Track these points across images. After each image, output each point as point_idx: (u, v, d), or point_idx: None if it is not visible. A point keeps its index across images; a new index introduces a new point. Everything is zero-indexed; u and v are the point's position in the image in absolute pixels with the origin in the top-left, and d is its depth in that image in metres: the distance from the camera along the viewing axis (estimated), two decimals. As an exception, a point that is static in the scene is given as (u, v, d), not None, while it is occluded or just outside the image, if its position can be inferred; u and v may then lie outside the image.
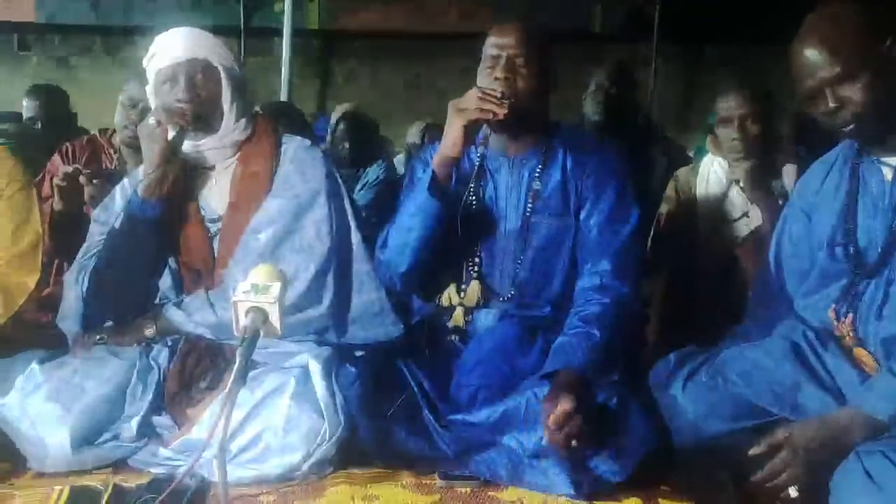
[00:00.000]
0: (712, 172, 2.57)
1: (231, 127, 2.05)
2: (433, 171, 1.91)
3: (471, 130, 1.89)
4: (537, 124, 2.01)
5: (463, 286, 2.03)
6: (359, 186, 3.82)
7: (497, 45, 1.92)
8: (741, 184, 2.44)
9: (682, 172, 2.69)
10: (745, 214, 2.44)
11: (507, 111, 1.84)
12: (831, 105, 1.58)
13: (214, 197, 2.08)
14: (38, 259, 2.16)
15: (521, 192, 2.00)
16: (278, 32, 5.93)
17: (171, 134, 1.98)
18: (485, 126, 1.92)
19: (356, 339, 2.01)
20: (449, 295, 2.04)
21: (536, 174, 2.00)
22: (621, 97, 3.14)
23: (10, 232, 2.13)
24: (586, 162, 1.99)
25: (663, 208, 2.69)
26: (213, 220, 2.07)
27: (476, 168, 2.01)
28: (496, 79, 1.89)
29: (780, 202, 2.26)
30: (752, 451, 1.55)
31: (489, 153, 2.02)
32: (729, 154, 2.46)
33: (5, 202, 2.13)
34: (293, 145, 2.11)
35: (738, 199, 2.48)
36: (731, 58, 6.02)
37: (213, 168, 2.09)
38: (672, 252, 2.60)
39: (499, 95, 1.85)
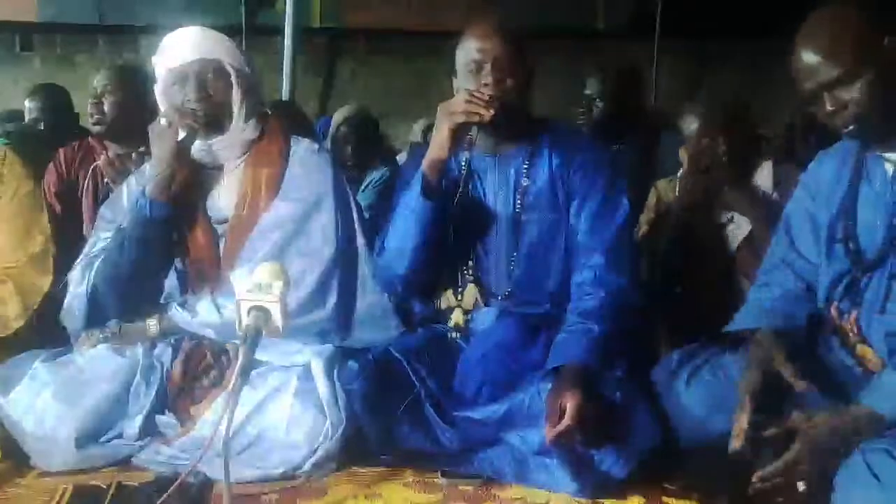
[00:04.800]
0: None
1: (240, 127, 2.05)
2: (423, 174, 1.92)
3: (459, 133, 1.89)
4: (522, 122, 2.01)
5: (459, 289, 2.04)
6: (362, 187, 3.83)
7: (481, 48, 1.92)
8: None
9: (661, 183, 2.68)
10: (731, 220, 2.40)
11: (494, 113, 1.85)
12: (830, 108, 1.58)
13: (222, 198, 2.09)
14: (50, 261, 2.17)
15: (509, 191, 2.00)
16: (280, 30, 5.93)
17: (180, 134, 1.97)
18: (472, 128, 1.92)
19: (359, 343, 2.01)
20: (447, 298, 2.05)
21: (524, 171, 2.00)
22: (614, 108, 3.08)
23: (23, 234, 2.14)
24: (573, 157, 1.99)
25: (643, 218, 2.65)
26: (220, 221, 2.08)
27: (464, 169, 2.01)
28: (485, 84, 1.89)
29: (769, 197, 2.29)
30: (767, 433, 1.54)
31: (476, 153, 2.02)
32: (703, 166, 2.44)
33: (16, 205, 2.14)
34: (301, 147, 2.11)
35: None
36: (734, 54, 6.01)
37: (221, 168, 2.09)
38: (653, 261, 2.57)
39: (487, 98, 1.85)
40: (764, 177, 2.39)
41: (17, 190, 2.15)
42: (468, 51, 1.94)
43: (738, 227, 2.37)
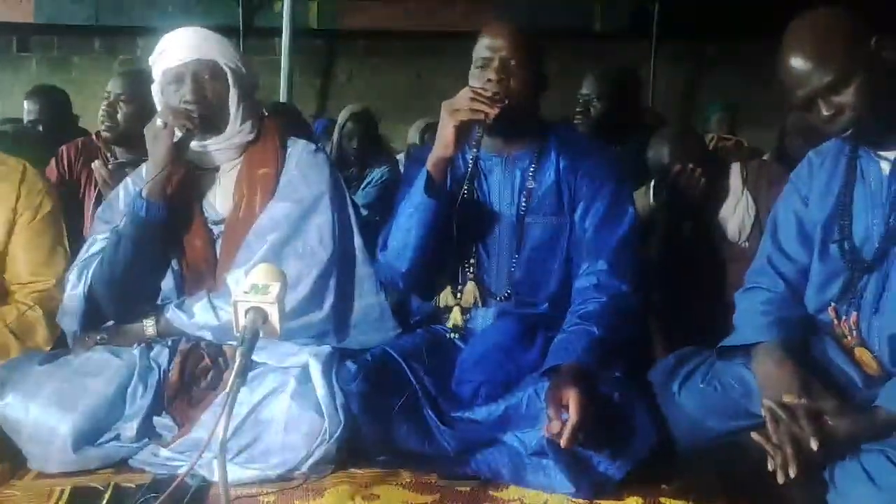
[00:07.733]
0: None
1: (237, 128, 2.05)
2: (428, 172, 1.92)
3: (463, 131, 1.88)
4: (529, 124, 2.01)
5: (459, 287, 2.04)
6: (363, 185, 3.84)
7: (489, 46, 1.92)
8: None
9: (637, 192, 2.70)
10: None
11: (498, 111, 1.84)
12: (826, 113, 1.57)
13: (218, 199, 2.08)
14: None
15: (514, 192, 2.01)
16: (278, 32, 5.94)
17: (177, 135, 1.97)
18: (477, 127, 1.92)
19: (356, 344, 2.01)
20: (445, 296, 2.05)
21: (530, 173, 2.00)
22: (609, 111, 3.07)
23: (48, 254, 2.14)
24: (580, 162, 1.99)
25: None
26: (217, 223, 2.07)
27: (469, 168, 2.01)
28: (488, 80, 1.89)
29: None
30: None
31: (483, 153, 2.02)
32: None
33: (39, 224, 2.13)
34: (298, 148, 2.11)
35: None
36: (731, 55, 6.03)
37: (217, 169, 2.09)
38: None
39: (490, 95, 1.85)
40: (734, 177, 2.50)
41: (39, 209, 2.14)
42: (479, 48, 1.95)
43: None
